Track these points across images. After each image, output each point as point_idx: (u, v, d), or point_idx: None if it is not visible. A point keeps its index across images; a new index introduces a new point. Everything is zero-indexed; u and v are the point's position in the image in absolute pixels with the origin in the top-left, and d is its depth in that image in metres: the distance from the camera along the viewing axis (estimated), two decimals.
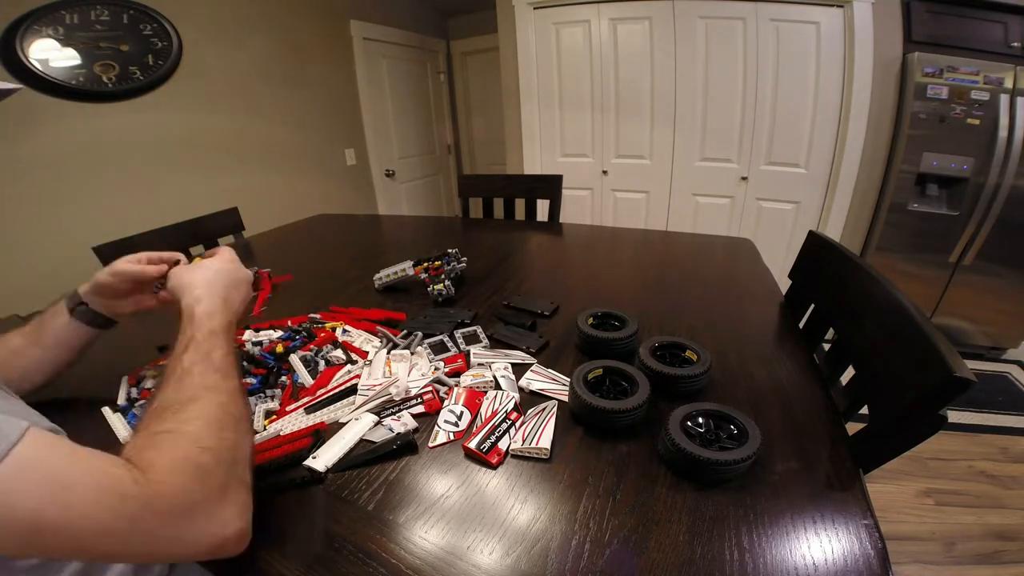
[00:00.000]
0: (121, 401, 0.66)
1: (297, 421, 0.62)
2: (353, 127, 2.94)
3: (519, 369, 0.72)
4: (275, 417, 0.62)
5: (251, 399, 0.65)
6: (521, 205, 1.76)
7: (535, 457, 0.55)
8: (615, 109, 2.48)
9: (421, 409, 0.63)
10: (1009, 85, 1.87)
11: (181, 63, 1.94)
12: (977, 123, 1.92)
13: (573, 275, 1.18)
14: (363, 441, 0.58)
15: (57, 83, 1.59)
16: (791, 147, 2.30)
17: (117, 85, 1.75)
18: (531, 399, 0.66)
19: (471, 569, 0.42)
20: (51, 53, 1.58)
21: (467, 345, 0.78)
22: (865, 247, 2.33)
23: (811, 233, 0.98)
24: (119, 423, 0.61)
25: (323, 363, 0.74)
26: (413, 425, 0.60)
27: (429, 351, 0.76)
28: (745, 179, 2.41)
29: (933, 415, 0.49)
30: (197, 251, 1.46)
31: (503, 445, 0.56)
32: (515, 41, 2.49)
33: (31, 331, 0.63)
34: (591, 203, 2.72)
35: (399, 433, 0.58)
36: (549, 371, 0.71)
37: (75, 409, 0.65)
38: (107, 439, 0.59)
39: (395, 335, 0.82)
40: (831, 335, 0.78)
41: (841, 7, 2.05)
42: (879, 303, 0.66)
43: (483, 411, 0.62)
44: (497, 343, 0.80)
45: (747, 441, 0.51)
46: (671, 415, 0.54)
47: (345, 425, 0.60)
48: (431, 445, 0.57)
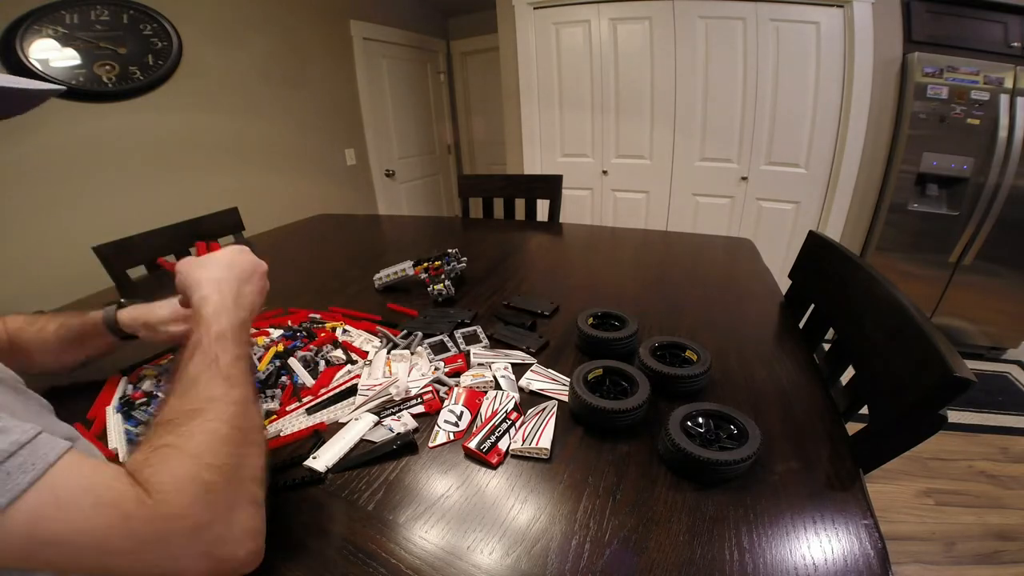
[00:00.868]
0: (115, 402, 0.66)
1: (297, 422, 0.62)
2: (353, 127, 2.94)
3: (519, 369, 0.72)
4: (275, 417, 0.62)
5: None
6: (521, 205, 1.76)
7: (535, 457, 0.55)
8: (615, 109, 2.48)
9: (421, 409, 0.63)
10: (1009, 85, 1.87)
11: (181, 63, 1.94)
12: (977, 123, 1.92)
13: (573, 275, 1.18)
14: (363, 441, 0.58)
15: (57, 83, 1.59)
16: (791, 147, 2.30)
17: (117, 85, 1.75)
18: (531, 399, 0.66)
19: (471, 569, 0.42)
20: (51, 53, 1.58)
21: (467, 345, 0.78)
22: (865, 247, 2.33)
23: (811, 233, 0.98)
24: (113, 425, 0.61)
25: (323, 363, 0.74)
26: (413, 425, 0.60)
27: (429, 351, 0.76)
28: (745, 179, 2.41)
29: (933, 415, 0.49)
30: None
31: (503, 445, 0.56)
32: (515, 41, 2.49)
33: (69, 329, 0.65)
34: (591, 203, 2.72)
35: (399, 433, 0.58)
36: (549, 371, 0.71)
37: (71, 408, 0.65)
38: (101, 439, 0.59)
39: (395, 335, 0.82)
40: (831, 335, 0.78)
41: (841, 7, 2.05)
42: (879, 303, 0.66)
43: (483, 411, 0.62)
44: (497, 343, 0.80)
45: (747, 441, 0.51)
46: (671, 415, 0.54)
47: (345, 425, 0.60)
48: (431, 445, 0.57)
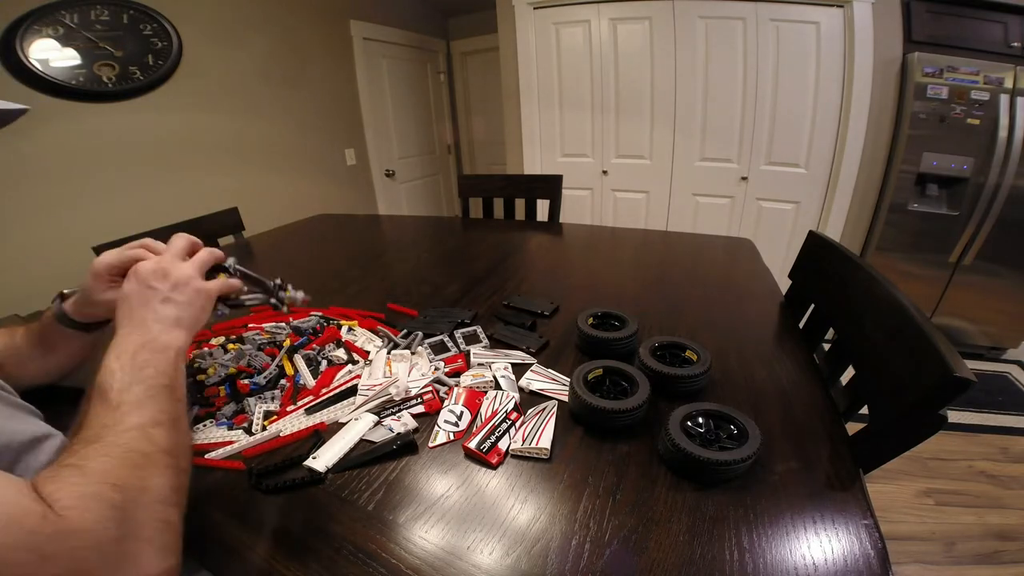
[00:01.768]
0: None
1: (297, 422, 0.62)
2: (353, 127, 2.95)
3: (519, 369, 0.72)
4: (275, 418, 0.62)
5: (251, 400, 0.64)
6: (521, 205, 1.76)
7: (535, 457, 0.55)
8: (615, 109, 2.48)
9: (421, 409, 0.63)
10: (1009, 85, 1.87)
11: (181, 63, 1.95)
12: (977, 123, 1.92)
13: (573, 275, 1.18)
14: (363, 441, 0.58)
15: (57, 83, 1.59)
16: (791, 147, 2.30)
17: (117, 85, 1.75)
18: (531, 399, 0.66)
19: (471, 569, 0.42)
20: (51, 53, 1.58)
21: (467, 345, 0.78)
22: (865, 247, 2.33)
23: (811, 233, 0.98)
24: None
25: (325, 362, 0.74)
26: (413, 425, 0.60)
27: (429, 351, 0.76)
28: (745, 179, 2.41)
29: (933, 415, 0.48)
30: None
31: (503, 445, 0.56)
32: (515, 41, 2.49)
33: (33, 334, 0.62)
34: (591, 203, 2.72)
35: (399, 433, 0.58)
36: (549, 371, 0.71)
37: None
38: None
39: (395, 335, 0.82)
40: (831, 335, 0.78)
41: (841, 7, 2.05)
42: (879, 303, 0.66)
43: (483, 411, 0.62)
44: (497, 343, 0.80)
45: (747, 441, 0.51)
46: (671, 415, 0.54)
47: (345, 425, 0.60)
48: (431, 445, 0.57)
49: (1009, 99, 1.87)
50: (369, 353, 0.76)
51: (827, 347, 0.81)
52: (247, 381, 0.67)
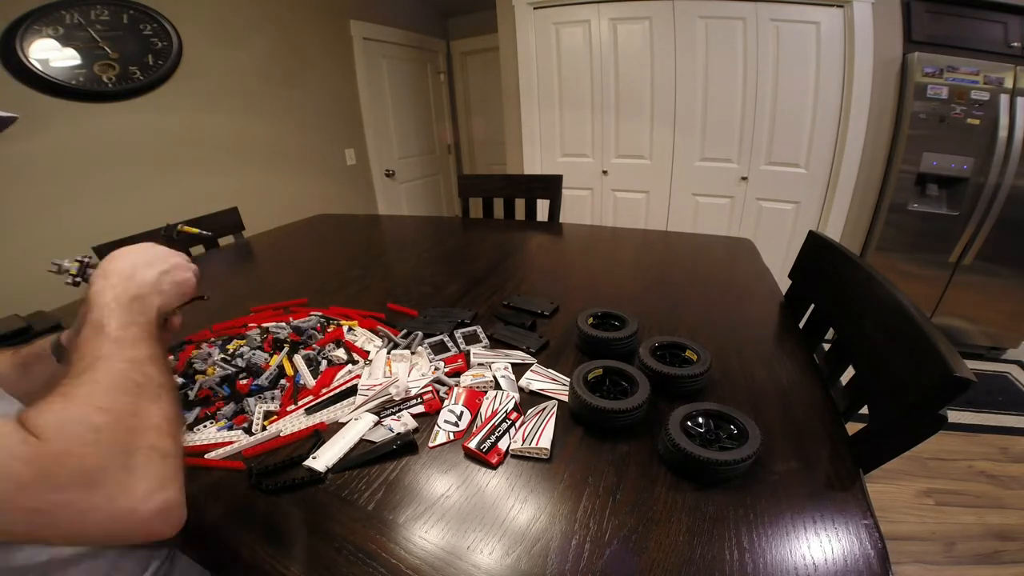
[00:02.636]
0: None
1: (297, 422, 0.62)
2: (353, 127, 2.94)
3: (519, 369, 0.72)
4: (275, 418, 0.62)
5: (251, 400, 0.64)
6: (521, 205, 1.76)
7: (535, 457, 0.55)
8: (615, 109, 2.48)
9: (421, 409, 0.63)
10: (1009, 85, 1.87)
11: (181, 63, 1.94)
12: (977, 123, 1.92)
13: (573, 275, 1.18)
14: (363, 441, 0.58)
15: (57, 83, 1.59)
16: (791, 147, 2.30)
17: (117, 85, 1.75)
18: (531, 399, 0.66)
19: (471, 569, 0.42)
20: (51, 53, 1.58)
21: (467, 345, 0.78)
22: (865, 247, 2.33)
23: (811, 233, 0.98)
24: None
25: (325, 362, 0.74)
26: (413, 425, 0.60)
27: (429, 351, 0.76)
28: (745, 179, 2.41)
29: (933, 415, 0.49)
30: (197, 251, 1.46)
31: (503, 445, 0.56)
32: (515, 41, 2.49)
33: (19, 358, 0.62)
34: (591, 203, 2.72)
35: (399, 433, 0.58)
36: (549, 371, 0.71)
37: None
38: None
39: (395, 335, 0.82)
40: (831, 335, 0.78)
41: (841, 7, 2.05)
42: (879, 303, 0.66)
43: (483, 411, 0.62)
44: (497, 343, 0.80)
45: (747, 441, 0.51)
46: (671, 415, 0.54)
47: (345, 425, 0.60)
48: (431, 445, 0.57)
49: (1009, 99, 1.87)
50: (369, 353, 0.76)
51: (827, 347, 0.81)
52: (246, 381, 0.67)
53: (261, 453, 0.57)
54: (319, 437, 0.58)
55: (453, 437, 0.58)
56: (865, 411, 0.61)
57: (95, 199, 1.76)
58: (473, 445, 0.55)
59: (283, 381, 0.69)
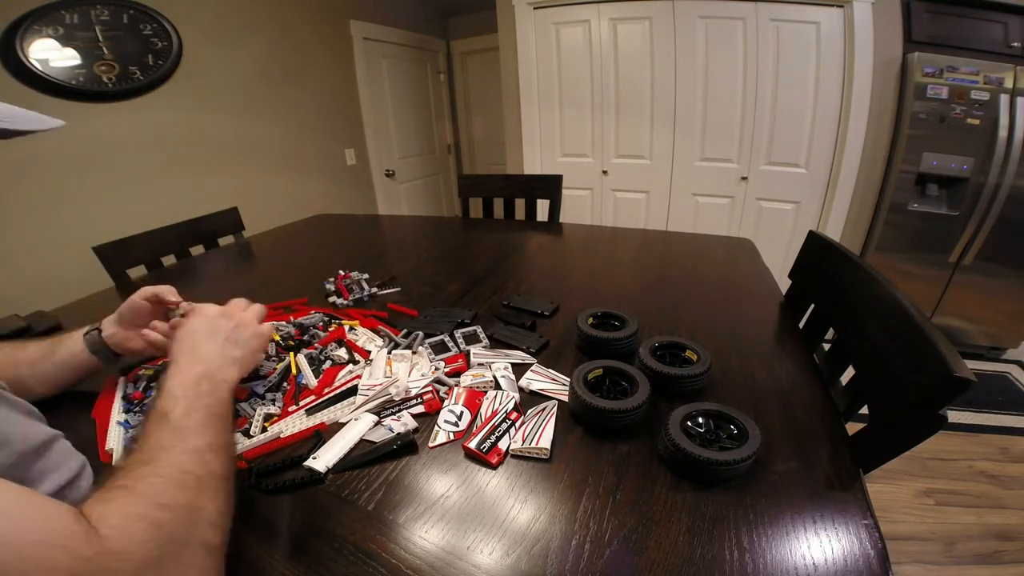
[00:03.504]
0: (118, 403, 0.66)
1: (298, 422, 0.62)
2: (353, 127, 2.95)
3: (519, 369, 0.72)
4: (276, 419, 0.62)
5: (245, 405, 0.64)
6: (521, 205, 1.76)
7: (535, 457, 0.55)
8: (615, 109, 2.48)
9: (421, 409, 0.63)
10: (1009, 85, 1.87)
11: (181, 63, 1.95)
12: (977, 123, 1.92)
13: (573, 275, 1.18)
14: (363, 441, 0.58)
15: (57, 83, 1.59)
16: (791, 147, 2.30)
17: (117, 85, 1.75)
18: (531, 399, 0.66)
19: (471, 569, 0.42)
20: (51, 53, 1.58)
21: (467, 345, 0.78)
22: (865, 247, 2.34)
23: (811, 233, 0.98)
24: (114, 425, 0.61)
25: (329, 362, 0.74)
26: (413, 425, 0.60)
27: (430, 351, 0.76)
28: (745, 179, 2.41)
29: (933, 415, 0.49)
30: (197, 251, 1.46)
31: (503, 445, 0.56)
32: (515, 41, 2.49)
33: (48, 345, 0.65)
34: (591, 203, 2.72)
35: (399, 433, 0.58)
36: (549, 371, 0.71)
37: (69, 410, 0.65)
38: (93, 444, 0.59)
39: (396, 334, 0.82)
40: (831, 335, 0.78)
41: (841, 7, 2.05)
42: (879, 303, 0.66)
43: (483, 411, 0.62)
44: (497, 343, 0.80)
45: (747, 441, 0.51)
46: (671, 415, 0.54)
47: (345, 425, 0.60)
48: (431, 445, 0.57)
49: (1009, 99, 1.87)
50: (370, 353, 0.76)
51: (827, 347, 0.81)
52: (246, 386, 0.67)
53: (261, 454, 0.57)
54: (320, 437, 0.58)
55: (453, 437, 0.58)
56: (865, 411, 0.61)
57: (95, 199, 1.76)
58: (473, 445, 0.55)
59: (284, 384, 0.69)
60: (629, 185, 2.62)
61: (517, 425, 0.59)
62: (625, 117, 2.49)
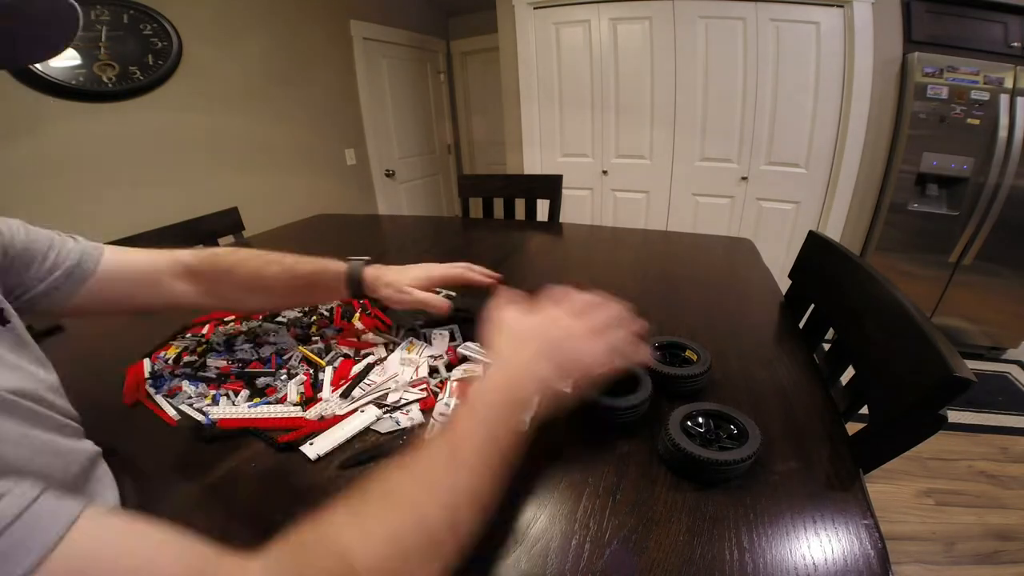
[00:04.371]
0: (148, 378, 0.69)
1: (334, 406, 0.63)
2: (353, 127, 2.95)
3: None
4: (312, 404, 0.64)
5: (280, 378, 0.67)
6: (521, 205, 1.76)
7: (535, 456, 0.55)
8: (615, 109, 2.48)
9: (418, 407, 0.63)
10: (1009, 85, 1.87)
11: (181, 63, 1.95)
12: (977, 123, 1.92)
13: (573, 275, 1.18)
14: (370, 431, 0.59)
15: (57, 83, 1.59)
16: (791, 147, 2.30)
17: (117, 85, 1.75)
18: None
19: (469, 568, 0.42)
20: None
21: (463, 340, 0.79)
22: (865, 247, 2.33)
23: (811, 233, 0.97)
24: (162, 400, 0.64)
25: (341, 358, 0.75)
26: (420, 420, 0.60)
27: (428, 347, 0.77)
28: (745, 179, 2.41)
29: (933, 415, 0.48)
30: None
31: None
32: (515, 41, 2.49)
33: (295, 267, 0.69)
34: (591, 203, 2.72)
35: (405, 428, 0.58)
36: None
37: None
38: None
39: (396, 333, 0.82)
40: (831, 335, 0.78)
41: (841, 7, 2.05)
42: (879, 303, 0.66)
43: None
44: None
45: (747, 441, 0.51)
46: (671, 415, 0.54)
47: (347, 416, 0.61)
48: (427, 438, 0.57)
49: (1009, 99, 1.87)
50: (374, 348, 0.77)
51: (827, 347, 0.81)
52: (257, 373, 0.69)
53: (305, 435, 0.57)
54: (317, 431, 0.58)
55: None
56: (865, 411, 0.61)
57: (95, 199, 1.76)
58: None
59: (301, 375, 0.70)
60: (629, 185, 2.62)
61: None
62: (625, 117, 2.49)
